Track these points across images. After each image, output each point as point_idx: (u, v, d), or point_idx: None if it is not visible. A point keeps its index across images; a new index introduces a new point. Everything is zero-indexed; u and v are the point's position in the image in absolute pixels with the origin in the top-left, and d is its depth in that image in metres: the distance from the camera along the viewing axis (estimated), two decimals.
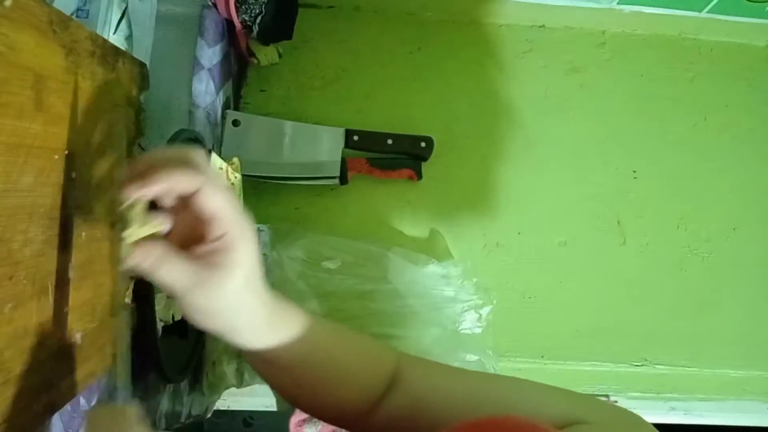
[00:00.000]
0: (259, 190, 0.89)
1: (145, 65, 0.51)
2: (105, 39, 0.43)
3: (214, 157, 0.59)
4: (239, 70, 0.90)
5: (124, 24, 0.52)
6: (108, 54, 0.43)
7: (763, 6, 0.92)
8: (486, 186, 0.95)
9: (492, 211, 0.94)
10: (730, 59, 1.01)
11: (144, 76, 0.51)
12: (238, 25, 0.78)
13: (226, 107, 0.84)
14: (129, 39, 0.54)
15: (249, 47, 0.86)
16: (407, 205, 0.93)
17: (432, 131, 0.91)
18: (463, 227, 0.94)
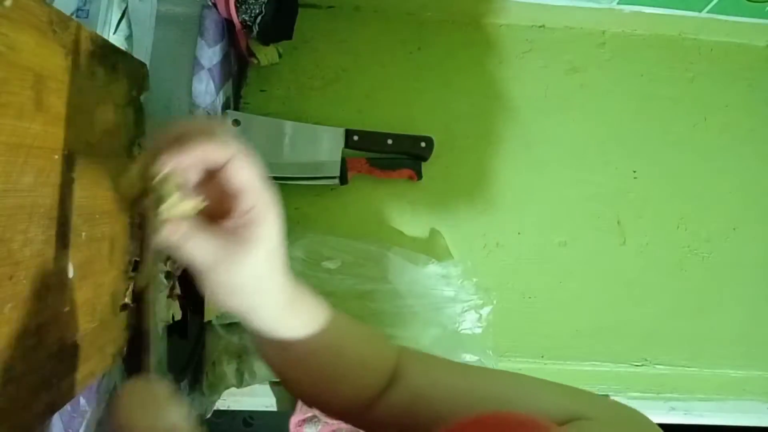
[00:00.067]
0: None
1: (145, 65, 0.51)
2: (105, 39, 0.43)
3: None
4: (239, 70, 0.90)
5: (124, 24, 0.53)
6: (108, 54, 0.43)
7: (763, 6, 0.91)
8: (486, 186, 0.95)
9: (492, 211, 0.94)
10: (730, 59, 1.01)
11: (144, 76, 0.51)
12: (238, 25, 0.78)
13: (226, 107, 0.84)
14: (129, 39, 0.54)
15: (249, 47, 0.86)
16: (407, 205, 0.93)
17: (432, 131, 0.91)
18: (463, 227, 0.94)
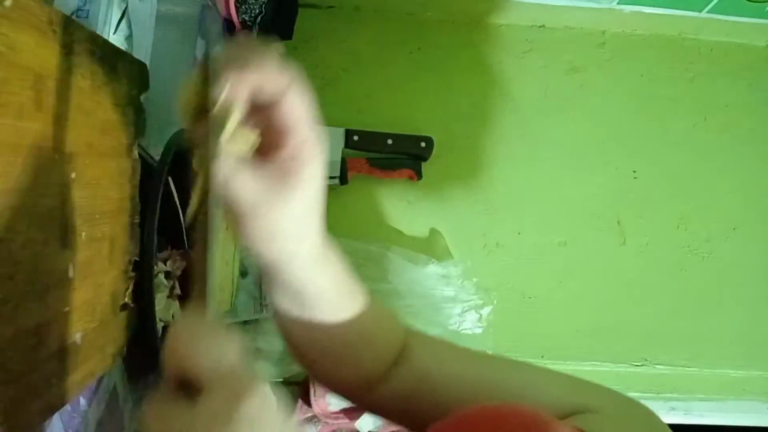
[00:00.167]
0: None
1: (145, 65, 0.51)
2: (105, 39, 0.43)
3: None
4: None
5: (124, 24, 0.52)
6: (108, 54, 0.43)
7: (763, 6, 0.91)
8: (486, 186, 0.95)
9: (492, 211, 0.94)
10: (730, 59, 1.01)
11: (144, 76, 0.51)
12: (238, 25, 0.78)
13: None
14: (129, 39, 0.54)
15: None
16: (407, 205, 0.93)
17: (432, 131, 0.91)
18: (463, 227, 0.94)
